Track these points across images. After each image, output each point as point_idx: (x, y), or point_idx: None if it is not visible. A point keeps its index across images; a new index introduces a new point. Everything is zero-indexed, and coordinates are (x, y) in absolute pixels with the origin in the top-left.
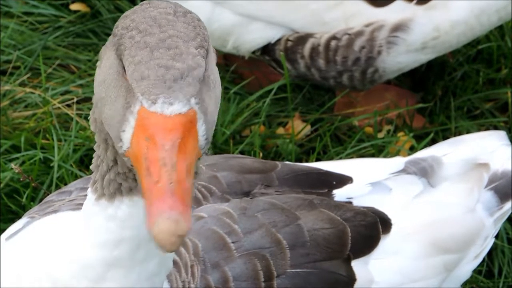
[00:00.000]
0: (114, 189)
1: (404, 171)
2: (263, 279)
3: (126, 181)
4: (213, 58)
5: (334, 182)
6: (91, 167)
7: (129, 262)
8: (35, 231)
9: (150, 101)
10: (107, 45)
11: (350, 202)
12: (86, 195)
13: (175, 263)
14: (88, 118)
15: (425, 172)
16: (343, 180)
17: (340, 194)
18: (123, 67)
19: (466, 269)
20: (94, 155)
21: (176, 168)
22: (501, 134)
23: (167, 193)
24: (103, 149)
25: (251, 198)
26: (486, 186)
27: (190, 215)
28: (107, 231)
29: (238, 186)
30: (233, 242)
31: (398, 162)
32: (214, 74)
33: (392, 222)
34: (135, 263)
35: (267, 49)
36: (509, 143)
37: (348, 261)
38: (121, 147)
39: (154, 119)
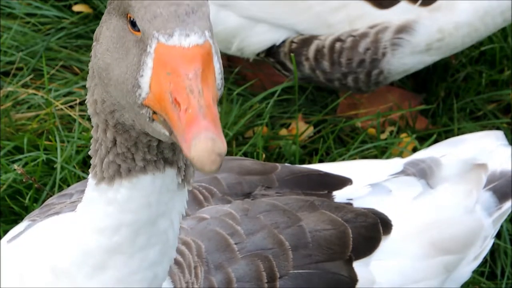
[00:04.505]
0: (113, 172)
1: (403, 172)
2: (266, 280)
3: (125, 161)
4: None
5: (334, 184)
6: (89, 152)
7: (129, 249)
8: (37, 231)
9: (167, 35)
10: (102, 21)
11: (350, 204)
12: None
13: (178, 264)
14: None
15: (424, 174)
16: (342, 182)
17: (340, 195)
18: (130, 21)
19: (466, 269)
20: (91, 140)
21: (203, 94)
22: (499, 134)
23: (198, 116)
24: (102, 131)
25: (252, 200)
26: (484, 187)
27: (223, 138)
28: (106, 215)
29: (239, 188)
30: (236, 243)
31: (397, 163)
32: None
33: (393, 223)
34: (135, 249)
35: (272, 51)
36: (507, 143)
37: (349, 262)
38: (139, 95)
39: (173, 51)
